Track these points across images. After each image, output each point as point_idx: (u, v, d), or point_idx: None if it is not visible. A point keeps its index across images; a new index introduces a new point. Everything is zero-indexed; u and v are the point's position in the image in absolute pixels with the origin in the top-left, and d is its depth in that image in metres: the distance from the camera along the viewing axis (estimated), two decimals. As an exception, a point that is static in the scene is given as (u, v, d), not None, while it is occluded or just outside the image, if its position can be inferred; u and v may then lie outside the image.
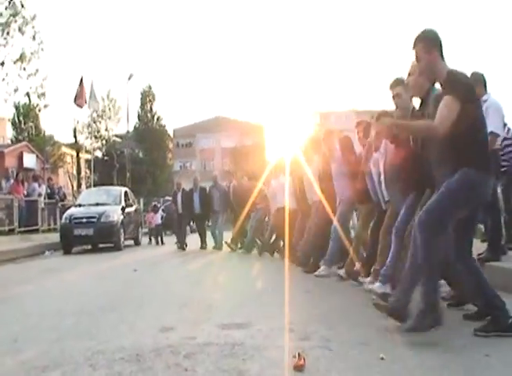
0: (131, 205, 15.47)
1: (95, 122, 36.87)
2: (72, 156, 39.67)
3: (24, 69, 18.11)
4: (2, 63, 17.77)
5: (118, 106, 40.45)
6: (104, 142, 40.56)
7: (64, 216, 13.72)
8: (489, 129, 4.01)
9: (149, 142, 45.43)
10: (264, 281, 6.26)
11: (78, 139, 36.08)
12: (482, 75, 5.47)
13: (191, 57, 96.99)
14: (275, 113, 76.10)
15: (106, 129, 39.96)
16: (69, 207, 15.16)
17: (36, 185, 16.40)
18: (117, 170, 35.04)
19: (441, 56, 3.40)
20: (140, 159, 44.38)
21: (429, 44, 3.38)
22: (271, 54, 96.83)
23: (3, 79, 17.82)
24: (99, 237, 13.00)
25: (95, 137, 37.69)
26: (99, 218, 13.05)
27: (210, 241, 12.84)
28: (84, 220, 13.04)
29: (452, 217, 3.30)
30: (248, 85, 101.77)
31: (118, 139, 42.07)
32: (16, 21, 18.00)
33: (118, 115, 40.46)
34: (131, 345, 3.28)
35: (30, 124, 35.28)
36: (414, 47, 3.44)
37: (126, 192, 15.53)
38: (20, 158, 28.39)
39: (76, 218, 13.10)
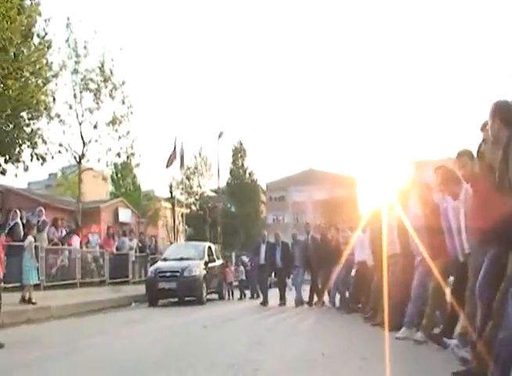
0: (215, 260, 15.84)
1: (188, 179, 38.69)
2: (171, 209, 41.69)
3: (116, 131, 19.65)
4: (95, 126, 19.44)
5: (210, 163, 42.17)
6: (197, 197, 42.15)
7: (150, 270, 14.42)
8: None
9: (242, 197, 46.57)
10: (327, 344, 6.01)
11: (174, 194, 37.90)
12: None
13: (281, 112, 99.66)
14: (368, 164, 74.63)
15: (199, 185, 41.56)
16: (156, 261, 15.85)
17: (126, 239, 17.33)
18: (210, 224, 36.13)
19: None
20: (232, 213, 45.49)
21: None
22: (361, 104, 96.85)
23: (96, 140, 19.45)
24: (181, 291, 13.42)
25: (188, 193, 39.41)
26: (182, 272, 13.53)
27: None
28: (168, 274, 13.57)
29: None
30: (340, 137, 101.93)
31: (213, 194, 43.57)
32: (106, 87, 19.72)
33: (210, 171, 42.09)
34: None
35: (128, 180, 37.91)
36: None
37: (210, 247, 15.98)
38: (116, 213, 30.38)
39: (161, 272, 13.68)
